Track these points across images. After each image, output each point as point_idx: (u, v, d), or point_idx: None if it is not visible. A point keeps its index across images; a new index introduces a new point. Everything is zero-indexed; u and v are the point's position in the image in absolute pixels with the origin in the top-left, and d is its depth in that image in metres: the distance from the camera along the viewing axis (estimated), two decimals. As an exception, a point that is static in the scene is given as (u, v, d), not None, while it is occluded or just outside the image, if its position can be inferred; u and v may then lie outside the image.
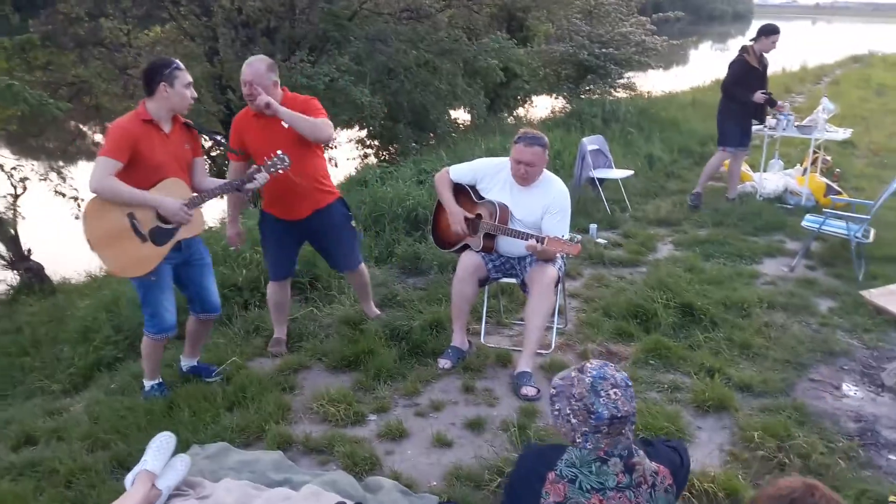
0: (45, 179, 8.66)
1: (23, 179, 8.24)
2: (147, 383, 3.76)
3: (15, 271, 9.28)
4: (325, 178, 4.07)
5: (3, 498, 2.96)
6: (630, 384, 2.06)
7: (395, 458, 3.24)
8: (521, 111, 14.90)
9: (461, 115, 13.86)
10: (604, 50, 12.32)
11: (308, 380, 3.96)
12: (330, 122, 3.88)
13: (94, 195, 3.25)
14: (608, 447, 2.02)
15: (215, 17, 8.98)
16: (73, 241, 3.50)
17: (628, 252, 6.09)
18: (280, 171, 3.56)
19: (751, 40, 7.10)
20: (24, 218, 9.19)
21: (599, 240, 6.36)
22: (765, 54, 7.08)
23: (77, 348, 4.90)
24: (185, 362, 3.99)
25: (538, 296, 3.89)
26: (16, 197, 9.50)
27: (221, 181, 3.58)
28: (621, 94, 13.36)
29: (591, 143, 7.47)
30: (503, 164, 4.08)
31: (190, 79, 3.42)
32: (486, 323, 4.49)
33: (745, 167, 8.34)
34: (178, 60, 3.44)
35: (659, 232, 6.70)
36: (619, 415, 1.98)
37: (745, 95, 6.98)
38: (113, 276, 3.86)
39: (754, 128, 8.20)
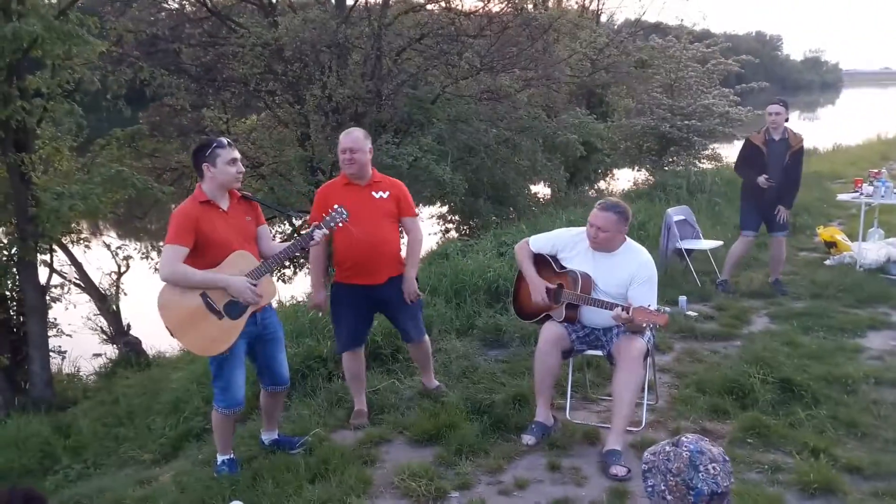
0: (145, 258, 9.19)
1: (126, 258, 8.77)
2: (219, 458, 3.77)
3: (115, 345, 9.80)
4: (400, 252, 4.24)
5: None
6: (727, 459, 1.94)
7: (478, 537, 3.12)
8: (602, 184, 14.89)
9: (541, 190, 13.95)
10: (686, 122, 12.24)
11: (390, 453, 3.92)
12: (418, 223, 4.28)
13: (165, 283, 3.37)
14: None
15: (307, 105, 9.50)
16: None
17: (721, 325, 5.84)
18: (340, 225, 3.64)
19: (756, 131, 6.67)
20: (125, 294, 9.76)
21: (690, 312, 6.13)
22: (773, 130, 6.33)
23: (168, 419, 5.06)
24: (266, 436, 4.02)
25: (626, 369, 3.76)
26: (119, 275, 10.13)
27: (284, 245, 3.68)
28: (706, 165, 13.15)
29: (676, 213, 7.33)
30: (583, 233, 4.04)
31: (234, 155, 3.48)
32: (572, 398, 4.36)
33: (842, 237, 7.96)
34: (222, 139, 3.53)
35: (753, 304, 6.41)
36: (720, 491, 1.87)
37: (749, 176, 6.46)
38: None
39: (849, 196, 7.88)
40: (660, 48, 13.36)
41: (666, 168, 12.66)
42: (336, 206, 3.65)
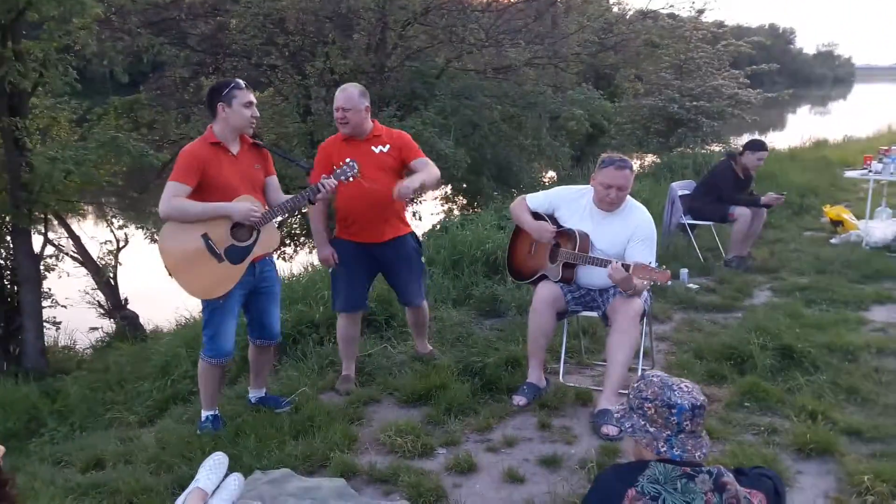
0: (141, 228, 9.12)
1: (122, 226, 8.70)
2: (203, 413, 3.67)
3: (112, 319, 9.77)
4: (403, 212, 4.10)
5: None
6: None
7: (462, 492, 3.04)
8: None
9: (547, 175, 13.81)
10: (695, 103, 12.06)
11: (378, 413, 3.83)
12: (430, 161, 3.98)
13: (166, 222, 3.30)
14: (694, 448, 1.82)
15: (309, 79, 9.40)
16: (168, 291, 3.56)
17: (722, 297, 5.71)
18: (350, 179, 3.51)
19: (738, 153, 6.74)
20: (123, 268, 9.72)
21: (691, 285, 6.01)
22: (749, 169, 6.62)
23: (156, 382, 4.98)
24: (253, 394, 3.93)
25: (621, 329, 3.65)
26: (118, 249, 10.08)
27: (291, 196, 3.55)
28: (716, 148, 12.97)
29: (681, 188, 7.16)
30: (583, 191, 3.92)
31: (250, 98, 3.40)
32: (566, 363, 4.25)
33: (848, 215, 7.82)
34: (238, 80, 3.43)
35: (756, 279, 6.28)
36: (698, 403, 1.83)
37: (723, 204, 6.58)
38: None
39: (857, 173, 7.76)
40: (669, 28, 13.17)
41: (672, 151, 12.48)
42: (348, 160, 3.54)
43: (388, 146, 3.92)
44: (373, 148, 3.88)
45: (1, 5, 6.22)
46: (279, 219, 3.54)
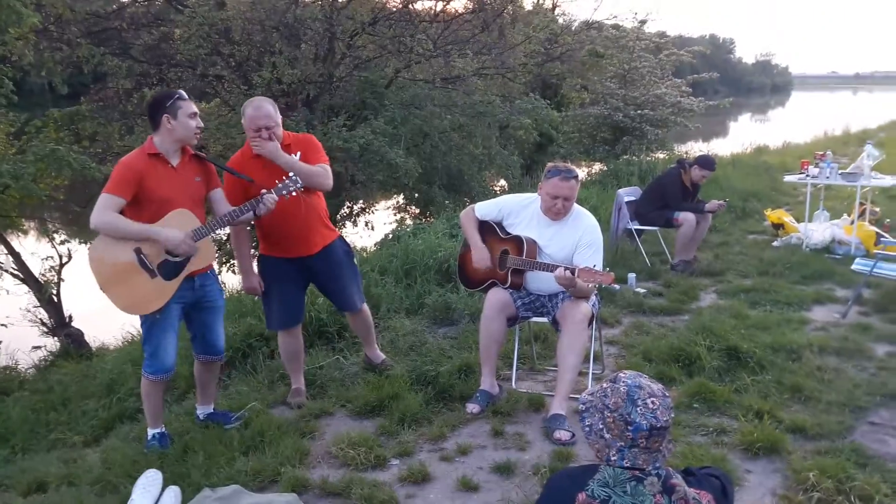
0: (85, 243, 8.84)
1: (63, 241, 8.42)
2: (149, 432, 3.59)
3: (55, 337, 9.42)
4: (327, 217, 3.99)
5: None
6: (667, 394, 1.87)
7: (416, 502, 3.03)
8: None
9: (497, 183, 13.91)
10: (639, 111, 12.33)
11: (330, 426, 3.78)
12: (329, 170, 3.81)
13: (99, 234, 3.21)
14: (645, 464, 1.81)
15: (256, 90, 9.27)
16: (115, 308, 3.43)
17: (669, 301, 5.84)
18: (293, 193, 3.46)
19: (689, 164, 6.97)
20: (65, 283, 9.39)
21: (639, 289, 6.12)
22: (695, 181, 6.93)
23: (101, 401, 4.83)
24: (201, 410, 3.85)
25: (570, 333, 3.69)
26: (61, 265, 9.74)
27: (229, 209, 3.46)
28: (661, 155, 13.27)
29: (627, 194, 7.33)
30: (530, 199, 3.97)
31: (194, 108, 3.34)
32: (519, 369, 4.28)
33: (789, 218, 8.08)
34: (181, 91, 3.37)
35: (702, 282, 6.43)
36: (658, 425, 1.79)
37: (668, 210, 6.81)
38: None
39: (795, 177, 8.03)
40: (613, 38, 13.45)
41: (619, 159, 12.72)
42: (291, 174, 3.45)
43: (298, 153, 3.76)
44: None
45: (-70, 14, 5.99)
46: (216, 233, 3.45)
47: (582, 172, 14.65)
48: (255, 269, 4.04)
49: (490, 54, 9.86)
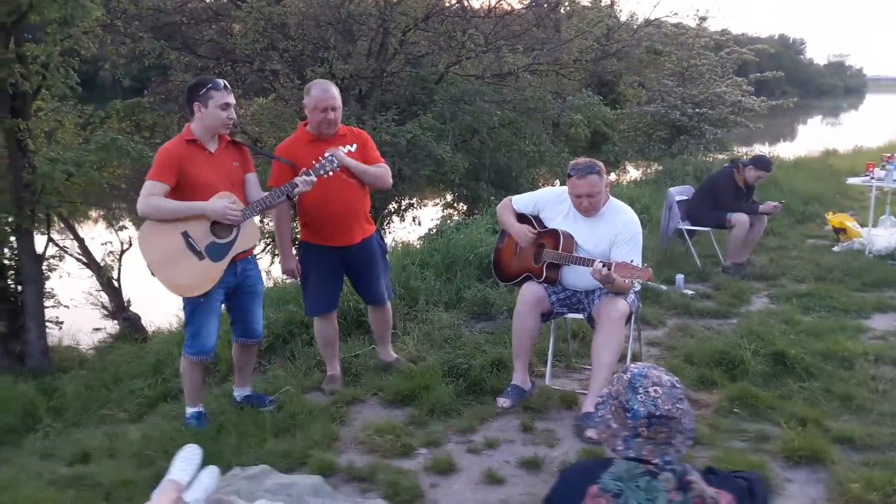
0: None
1: (121, 228, 8.74)
2: (188, 410, 3.69)
3: (114, 320, 9.80)
4: (368, 212, 4.04)
5: (41, 506, 2.94)
6: (678, 386, 1.81)
7: (440, 492, 3.02)
8: (612, 176, 14.67)
9: (553, 183, 13.79)
10: (697, 110, 12.01)
11: (361, 413, 3.81)
12: (388, 169, 3.91)
13: (146, 219, 3.31)
14: (651, 455, 1.75)
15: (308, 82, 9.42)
16: (170, 294, 3.55)
17: (718, 303, 5.67)
18: (330, 173, 3.48)
19: (743, 164, 6.72)
20: (123, 269, 9.75)
21: (687, 291, 5.96)
22: (749, 182, 6.68)
23: (147, 380, 4.99)
24: (238, 392, 3.93)
25: (606, 330, 3.61)
26: (122, 252, 10.13)
27: (267, 192, 3.51)
28: (720, 156, 12.91)
29: (678, 193, 7.12)
30: (567, 193, 3.90)
31: (227, 100, 3.36)
32: (554, 367, 4.22)
33: (852, 223, 7.75)
34: (219, 80, 3.40)
35: (754, 285, 6.22)
36: (658, 413, 1.73)
37: (720, 210, 6.58)
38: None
39: (859, 180, 7.71)
40: (672, 35, 13.14)
41: (675, 158, 12.43)
42: (327, 154, 3.49)
43: (354, 145, 3.80)
44: (341, 147, 3.74)
45: (3, 7, 6.27)
46: (257, 216, 3.53)
47: (637, 172, 14.40)
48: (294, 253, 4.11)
49: (542, 49, 9.76)
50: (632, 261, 3.49)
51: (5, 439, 5.24)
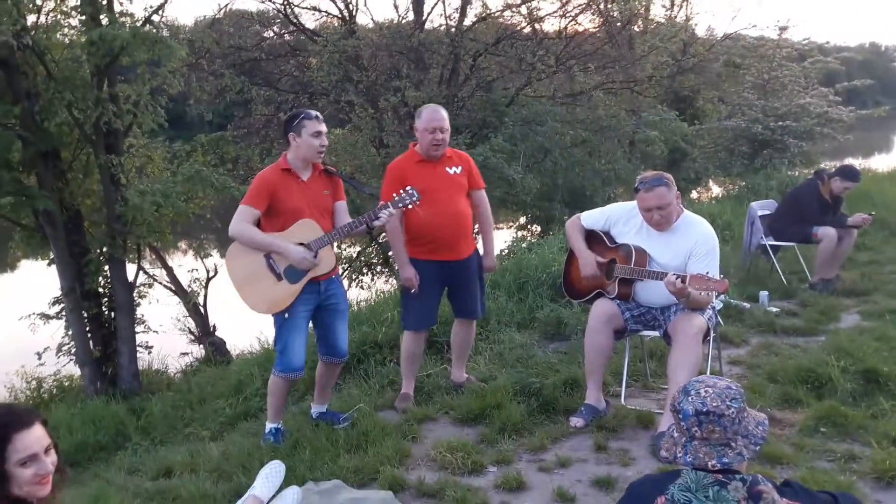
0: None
1: (206, 256, 9.12)
2: (268, 426, 3.79)
3: (200, 345, 10.23)
4: (472, 228, 4.16)
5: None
6: (734, 388, 1.78)
7: (509, 510, 2.98)
8: (693, 194, 14.25)
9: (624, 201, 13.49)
10: (780, 123, 11.57)
11: (433, 431, 3.82)
12: (485, 197, 4.17)
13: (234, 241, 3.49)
14: (707, 457, 1.72)
15: (383, 113, 9.66)
16: (253, 320, 3.75)
17: (804, 321, 5.41)
18: (409, 206, 3.58)
19: (829, 176, 6.38)
20: (209, 297, 10.18)
21: (771, 308, 5.72)
22: (836, 194, 6.33)
23: (229, 400, 5.16)
24: (315, 409, 4.01)
25: (682, 347, 3.50)
26: (208, 279, 10.58)
27: (349, 221, 3.64)
28: (805, 171, 12.37)
29: (760, 207, 6.86)
30: (638, 208, 3.83)
31: (319, 128, 3.51)
32: (630, 386, 4.12)
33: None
34: (311, 111, 3.59)
35: (843, 302, 5.91)
36: (705, 409, 1.72)
37: (805, 224, 6.27)
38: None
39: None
40: (750, 47, 12.75)
41: (757, 173, 11.99)
42: (408, 188, 3.61)
43: (459, 167, 3.99)
44: (447, 169, 3.94)
45: (98, 52, 6.74)
46: (335, 242, 3.67)
47: (719, 189, 13.95)
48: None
49: (614, 67, 9.68)
50: (707, 272, 3.38)
51: (97, 456, 5.54)
